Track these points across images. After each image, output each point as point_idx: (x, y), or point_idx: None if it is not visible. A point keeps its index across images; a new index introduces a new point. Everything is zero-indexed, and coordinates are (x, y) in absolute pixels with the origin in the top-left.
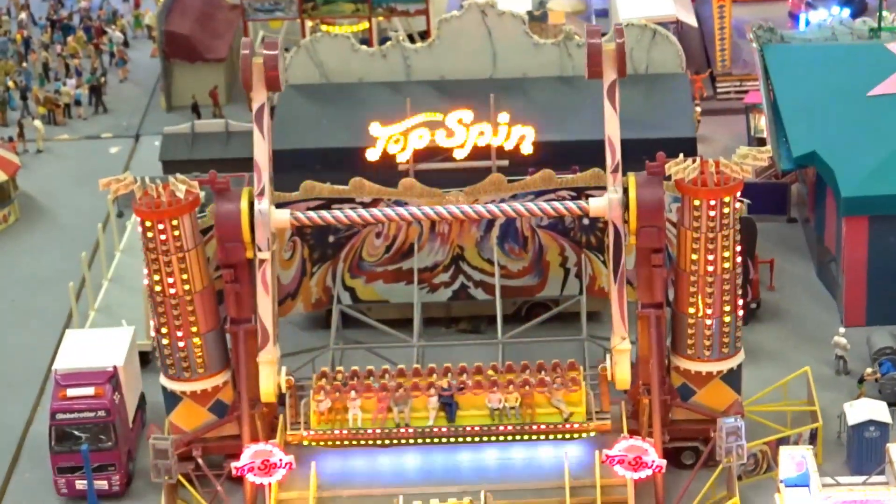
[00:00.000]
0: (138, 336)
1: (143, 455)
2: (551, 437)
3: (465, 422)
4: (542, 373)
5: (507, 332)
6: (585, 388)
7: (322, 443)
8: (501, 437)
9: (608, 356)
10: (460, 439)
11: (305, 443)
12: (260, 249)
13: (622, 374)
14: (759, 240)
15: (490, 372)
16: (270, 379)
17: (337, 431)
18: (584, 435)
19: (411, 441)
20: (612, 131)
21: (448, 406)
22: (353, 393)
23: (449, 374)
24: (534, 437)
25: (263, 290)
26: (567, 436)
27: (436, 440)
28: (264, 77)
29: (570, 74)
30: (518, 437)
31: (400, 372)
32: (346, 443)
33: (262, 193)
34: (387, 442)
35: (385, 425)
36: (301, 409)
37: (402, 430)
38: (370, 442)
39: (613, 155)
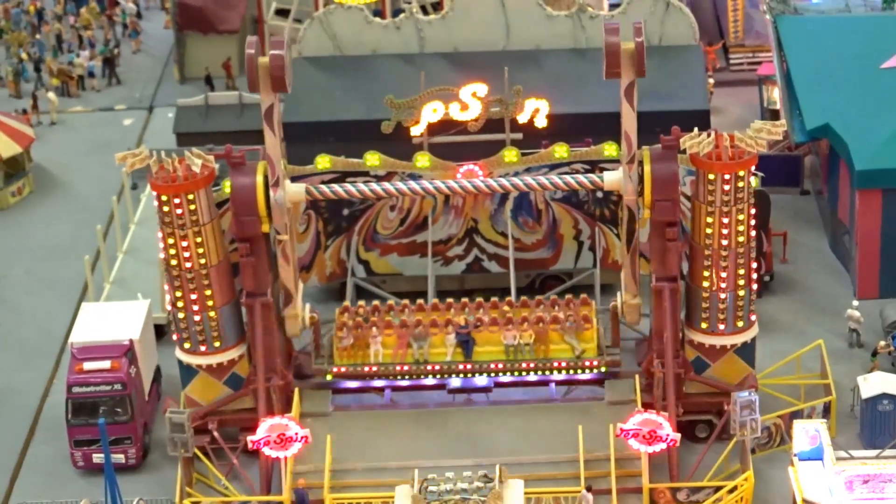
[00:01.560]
0: (154, 309)
1: (158, 427)
2: (564, 372)
3: (482, 358)
4: (556, 308)
5: None
6: (597, 326)
7: (345, 376)
8: (516, 373)
9: (618, 294)
10: (476, 374)
11: (329, 377)
12: (278, 233)
13: (632, 314)
14: (772, 212)
15: (506, 308)
16: (295, 327)
17: (359, 368)
18: (595, 371)
19: (430, 377)
20: (630, 127)
21: (465, 343)
22: (374, 330)
23: (466, 310)
24: (547, 372)
25: (284, 263)
26: (579, 371)
27: (454, 375)
28: (270, 78)
29: (584, 46)
30: (532, 373)
31: (419, 307)
32: (368, 377)
33: (276, 184)
34: (407, 378)
35: (405, 360)
36: (324, 344)
37: (422, 367)
38: (391, 377)
39: (630, 148)
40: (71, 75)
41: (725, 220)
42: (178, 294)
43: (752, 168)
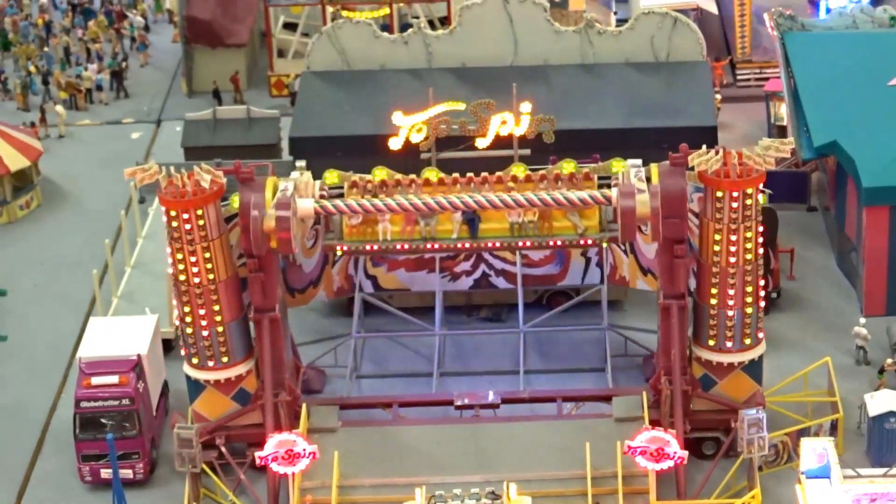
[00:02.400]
0: (161, 323)
1: (166, 442)
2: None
3: (487, 235)
4: (559, 184)
5: (529, 321)
6: (600, 207)
7: (355, 248)
8: (520, 249)
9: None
10: (481, 245)
11: (339, 253)
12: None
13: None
14: (780, 228)
15: (510, 184)
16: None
17: (367, 245)
18: (596, 244)
19: (437, 254)
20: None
21: (471, 221)
22: None
23: (471, 185)
24: (550, 249)
25: None
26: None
27: (460, 252)
28: (276, 239)
29: (591, 62)
30: (536, 249)
31: (426, 181)
32: (376, 255)
33: None
34: (414, 256)
35: (412, 238)
36: (334, 221)
37: (429, 245)
38: (399, 252)
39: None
40: (79, 88)
41: (733, 238)
42: (187, 309)
43: (760, 185)
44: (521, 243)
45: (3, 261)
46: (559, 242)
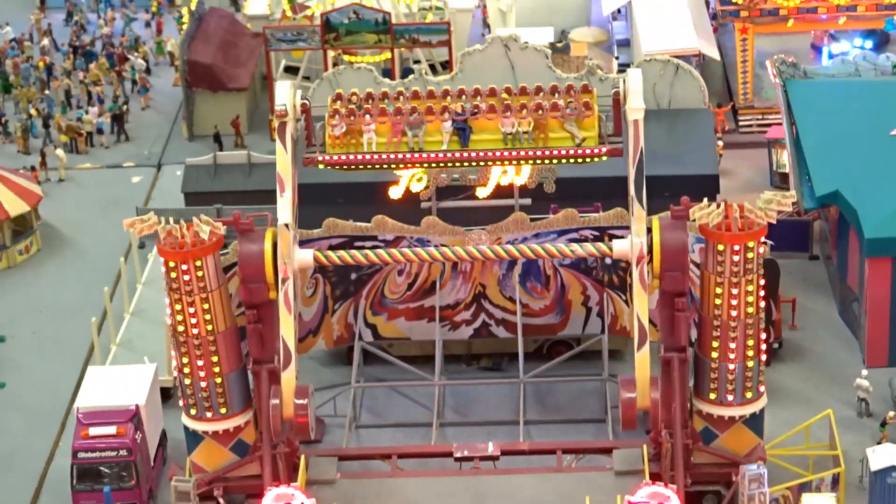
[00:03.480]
0: (160, 372)
1: (164, 493)
2: (563, 161)
3: (479, 146)
4: (556, 95)
5: (529, 371)
6: (598, 113)
7: (338, 167)
8: (514, 162)
9: (621, 81)
10: (473, 164)
11: (321, 167)
12: None
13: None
14: (781, 277)
15: (504, 95)
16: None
17: (352, 156)
18: (596, 160)
19: (425, 166)
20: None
21: (461, 130)
22: (367, 117)
23: (463, 97)
24: (546, 161)
25: (286, 310)
26: (580, 160)
27: (449, 165)
28: (295, 424)
29: None
30: (531, 162)
31: (414, 94)
32: (360, 167)
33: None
34: (400, 167)
35: (399, 149)
36: (316, 132)
37: (416, 155)
38: (384, 166)
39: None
40: (80, 132)
41: (735, 291)
42: (185, 360)
43: (762, 238)
44: (515, 153)
45: (2, 307)
46: (556, 153)
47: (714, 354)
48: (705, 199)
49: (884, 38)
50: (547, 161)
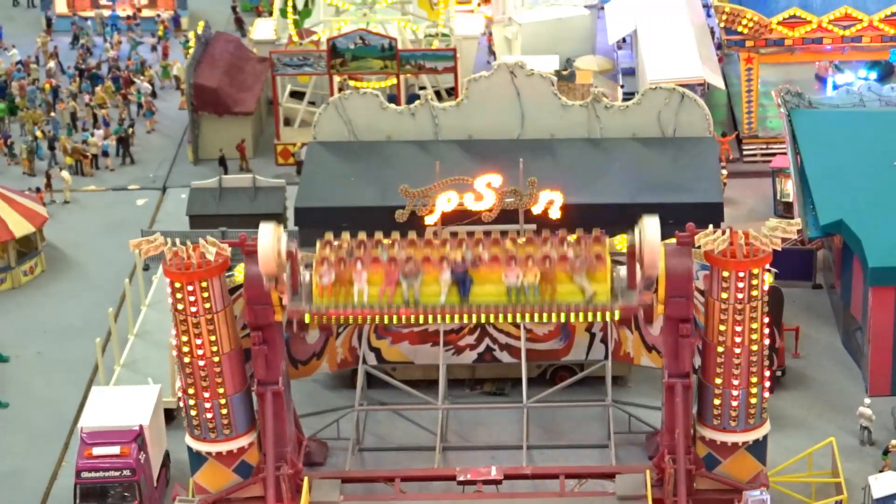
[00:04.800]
0: (164, 393)
1: None
2: (572, 316)
3: (480, 300)
4: (565, 246)
5: (532, 396)
6: (611, 265)
7: (325, 319)
8: (518, 317)
9: (636, 230)
10: (473, 318)
11: (307, 320)
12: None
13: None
14: (785, 305)
15: (508, 244)
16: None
17: (341, 309)
18: (607, 316)
19: (421, 320)
20: None
21: (461, 282)
22: (359, 265)
23: (464, 246)
24: (553, 316)
25: None
26: (590, 316)
27: (447, 318)
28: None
29: (598, 136)
30: (536, 318)
31: (410, 241)
32: (350, 320)
33: None
34: (394, 321)
35: (393, 301)
36: (302, 281)
37: (412, 309)
38: (376, 320)
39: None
40: (85, 154)
41: (739, 318)
42: (190, 381)
43: (767, 265)
44: (520, 312)
45: (6, 327)
46: (564, 309)
47: (718, 380)
48: (710, 226)
49: (888, 70)
50: (554, 318)
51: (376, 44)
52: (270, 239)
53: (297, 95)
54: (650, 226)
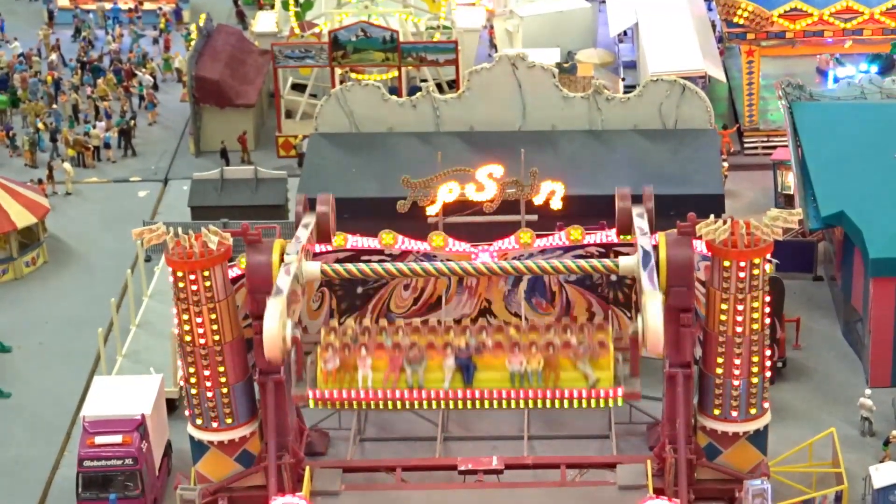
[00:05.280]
0: (165, 383)
1: (168, 503)
2: (576, 403)
3: (483, 385)
4: (568, 332)
5: None
6: (613, 352)
7: (329, 405)
8: (521, 403)
9: (639, 319)
10: (477, 404)
11: (311, 405)
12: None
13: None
14: (786, 297)
15: (512, 331)
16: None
17: (345, 393)
18: (610, 402)
19: (425, 405)
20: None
21: (465, 368)
22: (363, 351)
23: (467, 333)
24: (556, 403)
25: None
26: (593, 402)
27: (451, 404)
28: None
29: (599, 128)
30: (540, 404)
31: (414, 328)
32: (354, 405)
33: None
34: (398, 406)
35: (397, 386)
36: (307, 367)
37: (416, 394)
38: (381, 406)
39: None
40: (87, 146)
41: (740, 308)
42: (192, 370)
43: (768, 255)
44: (523, 393)
45: (8, 318)
46: (568, 395)
47: (719, 370)
48: (711, 216)
49: (889, 63)
50: (557, 403)
51: (378, 36)
52: (276, 325)
53: (298, 88)
54: (652, 309)
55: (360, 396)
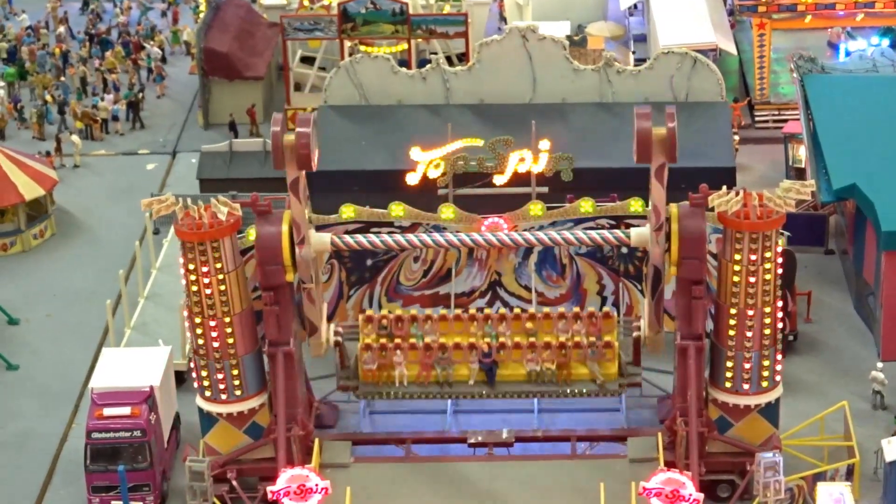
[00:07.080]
0: (174, 355)
1: (177, 475)
2: (586, 393)
3: (504, 380)
4: (578, 322)
5: None
6: (618, 351)
7: (371, 397)
8: (538, 396)
9: (642, 321)
10: (499, 395)
11: (356, 397)
12: (303, 282)
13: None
14: (797, 271)
15: (528, 325)
16: (318, 349)
17: (385, 391)
18: (616, 395)
19: (454, 397)
20: (659, 202)
21: (488, 370)
22: (398, 353)
23: (489, 322)
24: (569, 396)
25: (309, 304)
26: (601, 394)
27: (476, 395)
28: (296, 156)
29: (610, 101)
30: (554, 396)
31: (442, 317)
32: (393, 396)
33: (302, 242)
34: (430, 396)
35: (429, 381)
36: (349, 361)
37: (445, 388)
38: (415, 397)
39: (658, 218)
40: (95, 118)
41: (752, 280)
42: (201, 342)
43: (780, 227)
44: (539, 393)
45: (17, 290)
46: (578, 391)
47: (730, 343)
48: (724, 188)
49: None
50: (570, 396)
51: (387, 8)
52: (323, 329)
53: (307, 60)
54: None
55: (398, 395)
